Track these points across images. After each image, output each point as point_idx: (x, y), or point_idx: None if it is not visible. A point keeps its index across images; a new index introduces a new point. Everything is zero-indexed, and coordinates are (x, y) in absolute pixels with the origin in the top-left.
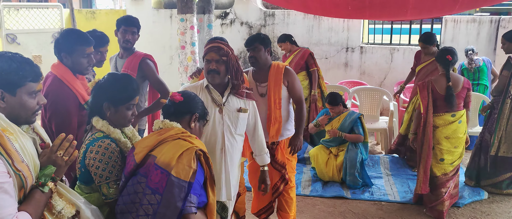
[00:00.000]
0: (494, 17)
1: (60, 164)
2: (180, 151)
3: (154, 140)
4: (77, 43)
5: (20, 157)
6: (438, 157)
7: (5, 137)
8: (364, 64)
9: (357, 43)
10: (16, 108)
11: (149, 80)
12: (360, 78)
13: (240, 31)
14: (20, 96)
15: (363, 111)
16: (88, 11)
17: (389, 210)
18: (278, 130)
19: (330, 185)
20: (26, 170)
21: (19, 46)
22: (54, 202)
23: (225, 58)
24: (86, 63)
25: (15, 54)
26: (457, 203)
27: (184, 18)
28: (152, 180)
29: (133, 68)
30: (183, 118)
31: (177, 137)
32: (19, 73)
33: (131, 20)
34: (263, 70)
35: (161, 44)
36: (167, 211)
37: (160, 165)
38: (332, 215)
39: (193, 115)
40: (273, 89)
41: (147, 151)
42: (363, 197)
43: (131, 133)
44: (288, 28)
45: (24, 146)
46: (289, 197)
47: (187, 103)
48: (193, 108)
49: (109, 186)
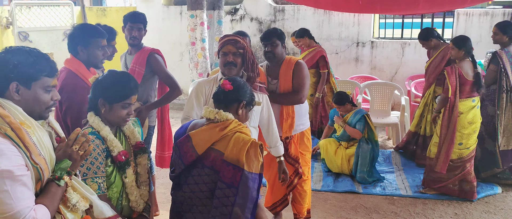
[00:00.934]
0: (507, 10)
1: (76, 159)
2: (245, 147)
3: (215, 134)
4: (93, 36)
5: (38, 150)
6: (457, 141)
7: (23, 130)
8: (375, 59)
9: (368, 37)
10: (30, 102)
11: (158, 74)
12: (371, 73)
13: (250, 27)
14: (34, 90)
15: (374, 106)
16: (98, 8)
17: (401, 204)
18: (291, 125)
19: (342, 180)
20: (43, 163)
21: (31, 43)
22: (69, 196)
23: (241, 51)
24: (101, 56)
25: (33, 49)
26: (471, 197)
27: (194, 15)
28: (225, 175)
29: (141, 63)
30: (232, 106)
31: (235, 131)
32: (35, 66)
33: (137, 16)
34: (277, 65)
35: (171, 41)
36: (245, 201)
37: (230, 162)
38: (343, 209)
39: (241, 103)
40: (283, 85)
41: (209, 144)
42: (374, 192)
43: (129, 132)
44: (298, 24)
45: (41, 140)
46: (303, 189)
47: (236, 92)
48: (241, 96)
49: (86, 183)
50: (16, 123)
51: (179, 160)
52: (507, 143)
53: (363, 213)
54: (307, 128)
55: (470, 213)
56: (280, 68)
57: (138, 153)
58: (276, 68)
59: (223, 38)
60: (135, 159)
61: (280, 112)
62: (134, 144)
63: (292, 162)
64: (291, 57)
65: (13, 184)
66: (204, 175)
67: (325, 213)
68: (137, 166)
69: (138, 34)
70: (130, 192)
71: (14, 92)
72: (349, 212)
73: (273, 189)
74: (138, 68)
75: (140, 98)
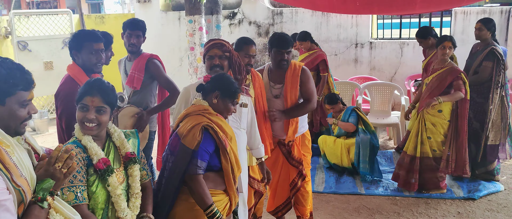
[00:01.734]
0: (504, 8)
1: (59, 177)
2: (193, 124)
3: (183, 113)
4: (85, 40)
5: (19, 171)
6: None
7: (2, 151)
8: (374, 60)
9: (366, 38)
10: (4, 118)
11: (157, 79)
12: (370, 73)
13: (249, 31)
14: (9, 106)
15: (375, 106)
16: (97, 16)
17: (404, 204)
18: (295, 130)
19: (344, 181)
20: (25, 184)
21: (31, 53)
22: (52, 218)
23: (228, 54)
24: (94, 59)
25: (5, 59)
26: (473, 195)
27: (192, 20)
28: (171, 144)
29: (140, 69)
30: (209, 95)
31: (199, 113)
32: (9, 81)
33: (136, 24)
34: (282, 70)
35: (170, 46)
36: (176, 169)
37: (178, 133)
38: (346, 211)
39: (215, 92)
40: (290, 91)
41: (178, 122)
42: (377, 193)
43: (119, 142)
44: (297, 26)
45: (21, 159)
46: (306, 191)
47: (212, 82)
48: (216, 87)
49: (63, 192)
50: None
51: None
52: (495, 138)
53: (365, 214)
54: (307, 130)
55: (473, 211)
56: (285, 73)
57: (128, 164)
58: (280, 73)
59: (209, 43)
60: (126, 170)
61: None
62: (124, 155)
63: (296, 164)
64: (294, 62)
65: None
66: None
67: (328, 215)
68: (128, 177)
69: (136, 41)
70: (115, 201)
71: None
72: (351, 213)
73: (276, 193)
74: (138, 74)
75: (140, 103)
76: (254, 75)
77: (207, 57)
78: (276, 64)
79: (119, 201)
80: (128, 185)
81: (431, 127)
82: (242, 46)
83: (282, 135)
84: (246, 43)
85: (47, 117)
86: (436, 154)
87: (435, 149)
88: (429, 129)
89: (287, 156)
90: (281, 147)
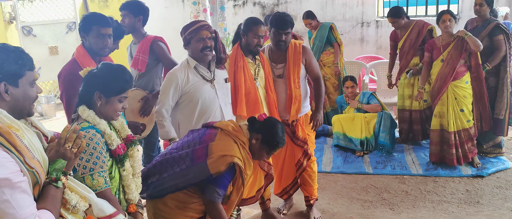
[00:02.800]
0: None
1: (70, 157)
2: (225, 154)
3: (223, 124)
4: (93, 23)
5: (31, 154)
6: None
7: (13, 134)
8: (380, 39)
9: (372, 17)
10: (20, 100)
11: (162, 61)
12: (377, 52)
13: (253, 12)
14: (22, 87)
15: (381, 86)
16: (100, 0)
17: (412, 183)
18: (298, 109)
19: (352, 161)
20: (38, 166)
21: (35, 38)
22: (68, 197)
23: (214, 35)
24: (100, 44)
25: (4, 44)
26: (481, 172)
27: (196, 1)
28: (196, 150)
29: (144, 51)
30: (253, 134)
31: (235, 139)
32: (18, 62)
33: (125, 4)
34: (282, 50)
35: (175, 29)
36: (187, 177)
37: (208, 149)
38: (354, 190)
39: (258, 135)
40: (292, 69)
41: (213, 124)
42: (384, 172)
43: (120, 125)
44: (301, 6)
45: (32, 142)
46: (312, 170)
47: (263, 124)
48: (262, 130)
49: (93, 177)
50: (4, 127)
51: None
52: (499, 112)
53: (373, 193)
54: (310, 110)
55: (481, 189)
56: (286, 52)
57: (129, 146)
58: (281, 53)
59: (194, 25)
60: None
61: (287, 97)
62: (125, 137)
63: (301, 144)
64: (294, 41)
65: (12, 192)
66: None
67: (336, 194)
68: (129, 158)
69: (130, 21)
70: (127, 184)
71: (4, 93)
72: (359, 192)
73: (282, 174)
74: (142, 57)
75: (146, 86)
76: (262, 57)
77: (196, 39)
78: (274, 44)
79: (131, 184)
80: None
81: (462, 100)
82: (250, 27)
83: (285, 116)
84: (254, 23)
85: (54, 102)
86: (470, 124)
87: (469, 119)
88: (461, 101)
89: (291, 136)
90: (285, 128)
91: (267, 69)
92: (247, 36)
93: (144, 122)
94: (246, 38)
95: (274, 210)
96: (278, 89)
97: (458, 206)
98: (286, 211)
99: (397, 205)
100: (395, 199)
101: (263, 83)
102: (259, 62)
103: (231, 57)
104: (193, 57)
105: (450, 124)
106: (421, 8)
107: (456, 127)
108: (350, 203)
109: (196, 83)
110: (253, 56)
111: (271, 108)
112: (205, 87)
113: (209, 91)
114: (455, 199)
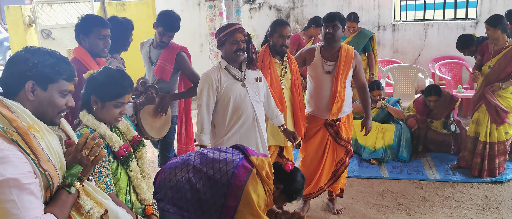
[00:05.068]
0: None
1: (86, 164)
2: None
3: (261, 166)
4: (93, 25)
5: (47, 156)
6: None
7: (31, 135)
8: (397, 42)
9: (389, 20)
10: (44, 105)
11: (184, 72)
12: (393, 56)
13: (269, 15)
14: (50, 92)
15: (398, 89)
16: (118, 3)
17: (429, 188)
18: (340, 108)
19: (367, 166)
20: (52, 169)
21: (54, 41)
22: (82, 202)
23: (247, 37)
24: (102, 45)
25: (54, 51)
26: (500, 178)
27: (212, 5)
28: (229, 198)
29: (171, 61)
30: (277, 184)
31: (264, 184)
32: (55, 68)
33: (172, 26)
34: (332, 48)
35: (191, 32)
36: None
37: (245, 195)
38: (370, 195)
39: (280, 185)
40: (342, 69)
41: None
42: (401, 177)
43: (125, 128)
44: (317, 10)
45: (50, 145)
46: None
47: (289, 178)
48: (286, 182)
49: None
50: (24, 127)
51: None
52: None
53: (390, 198)
54: (351, 111)
55: (500, 195)
56: (339, 52)
57: (136, 147)
58: (333, 51)
59: (229, 28)
60: (134, 153)
61: (331, 94)
62: (131, 139)
63: (344, 144)
64: (348, 46)
65: (20, 193)
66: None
67: (352, 199)
68: (138, 160)
69: (167, 40)
70: (137, 185)
71: (29, 92)
72: (375, 197)
73: (322, 174)
74: (168, 66)
75: (165, 91)
76: (289, 57)
77: (230, 41)
78: (324, 38)
79: (141, 184)
80: (140, 168)
81: None
82: (275, 28)
83: (325, 115)
84: (279, 24)
85: None
86: (508, 136)
87: (508, 130)
88: None
89: (335, 136)
90: (328, 128)
91: (295, 71)
92: (272, 37)
93: (160, 124)
94: (272, 39)
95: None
96: (323, 85)
97: (477, 213)
98: (304, 214)
99: (414, 211)
100: (412, 205)
101: (288, 85)
102: (286, 64)
103: (260, 56)
104: (225, 58)
105: (482, 133)
106: (439, 11)
107: (491, 138)
108: (366, 207)
109: (228, 82)
110: (281, 57)
111: (295, 110)
112: (236, 86)
113: (240, 89)
114: (474, 205)
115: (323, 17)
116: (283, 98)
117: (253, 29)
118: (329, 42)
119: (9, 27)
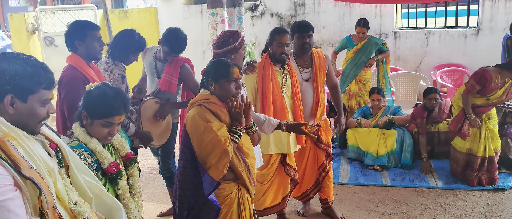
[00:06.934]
0: None
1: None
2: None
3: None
4: (87, 29)
5: (28, 164)
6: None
7: (7, 143)
8: (398, 50)
9: (391, 28)
10: (24, 116)
11: (187, 84)
12: (395, 64)
13: (271, 23)
14: (31, 104)
15: (400, 97)
16: (120, 10)
17: (431, 196)
18: (322, 112)
19: (369, 173)
20: (36, 176)
21: (57, 48)
22: (82, 209)
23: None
24: (98, 47)
25: (30, 57)
26: (503, 186)
27: (214, 13)
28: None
29: (175, 74)
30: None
31: (198, 102)
32: (34, 78)
33: (178, 48)
34: (305, 55)
35: (193, 40)
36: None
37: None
38: (372, 202)
39: (208, 80)
40: (319, 74)
41: None
42: (403, 184)
43: (118, 143)
44: (319, 17)
45: (31, 151)
46: (330, 172)
47: (205, 72)
48: (207, 74)
49: None
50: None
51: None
52: None
53: (392, 205)
54: (326, 116)
55: (503, 203)
56: (312, 58)
57: (128, 164)
58: (306, 58)
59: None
60: (126, 170)
61: (314, 100)
62: (124, 155)
63: (324, 147)
64: (317, 50)
65: None
66: None
67: (353, 206)
68: (129, 177)
69: (172, 59)
70: (124, 204)
71: (8, 106)
72: (377, 204)
73: (304, 178)
74: (174, 80)
75: (165, 99)
76: (290, 67)
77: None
78: (299, 48)
79: (129, 204)
80: (130, 185)
81: (492, 128)
82: (274, 36)
83: (309, 120)
84: (278, 32)
85: None
86: (497, 149)
87: (497, 145)
88: (491, 130)
89: (315, 141)
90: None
91: (295, 79)
92: (272, 46)
93: (161, 130)
94: (272, 47)
95: (289, 214)
96: (305, 93)
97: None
98: (306, 214)
99: (416, 218)
100: (414, 212)
101: (289, 93)
102: (287, 72)
103: (260, 65)
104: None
105: (480, 149)
106: (440, 19)
107: (488, 153)
108: (368, 215)
109: None
110: (281, 65)
111: (296, 118)
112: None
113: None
114: (476, 213)
115: (295, 26)
116: (284, 107)
117: (255, 36)
118: (306, 51)
119: (12, 34)
